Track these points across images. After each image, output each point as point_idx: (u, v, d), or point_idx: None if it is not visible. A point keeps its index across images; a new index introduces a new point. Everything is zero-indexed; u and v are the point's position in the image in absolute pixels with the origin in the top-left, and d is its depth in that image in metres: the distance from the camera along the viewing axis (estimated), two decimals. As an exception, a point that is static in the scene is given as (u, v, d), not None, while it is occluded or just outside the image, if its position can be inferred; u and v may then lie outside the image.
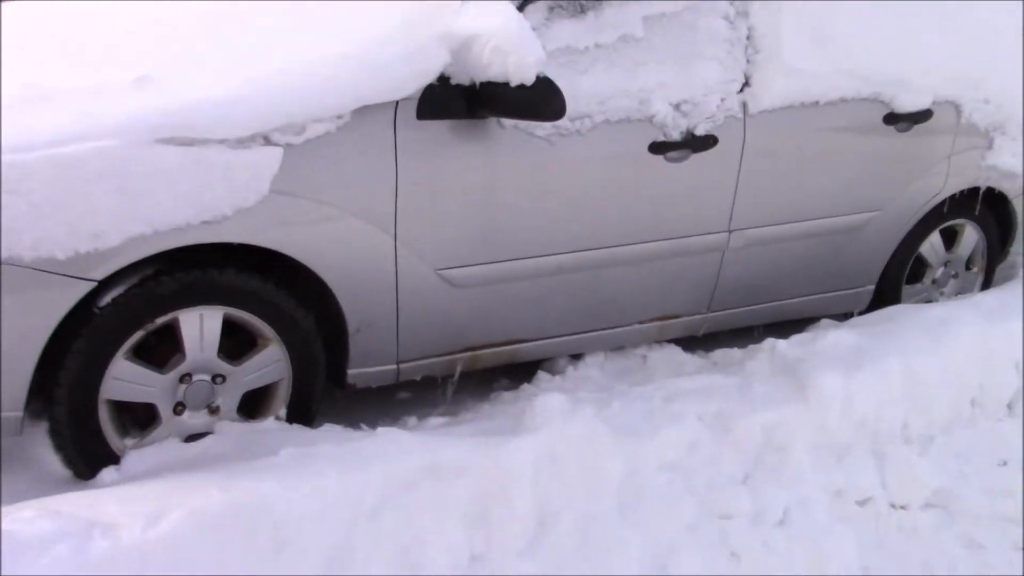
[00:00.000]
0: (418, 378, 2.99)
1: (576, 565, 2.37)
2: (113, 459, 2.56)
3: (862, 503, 2.82)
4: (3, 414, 2.42)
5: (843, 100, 3.39)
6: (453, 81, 2.66)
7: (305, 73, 2.53)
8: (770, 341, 3.30)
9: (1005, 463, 3.08)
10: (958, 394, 3.17)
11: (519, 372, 3.30)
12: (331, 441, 2.41)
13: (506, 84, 2.57)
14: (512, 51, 2.54)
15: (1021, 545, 2.80)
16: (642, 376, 3.34)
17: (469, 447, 2.36)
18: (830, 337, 3.20)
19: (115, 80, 2.48)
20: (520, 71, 2.54)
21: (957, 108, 3.71)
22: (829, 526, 2.64)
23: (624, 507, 2.50)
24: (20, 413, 2.43)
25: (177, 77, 2.50)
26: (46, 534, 1.92)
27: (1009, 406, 3.32)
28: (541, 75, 2.58)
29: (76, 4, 3.01)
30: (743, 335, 3.65)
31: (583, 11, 2.90)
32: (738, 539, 2.52)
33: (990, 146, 3.85)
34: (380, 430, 2.48)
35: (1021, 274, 4.01)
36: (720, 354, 3.45)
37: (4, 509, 2.08)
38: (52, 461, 2.58)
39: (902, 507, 2.85)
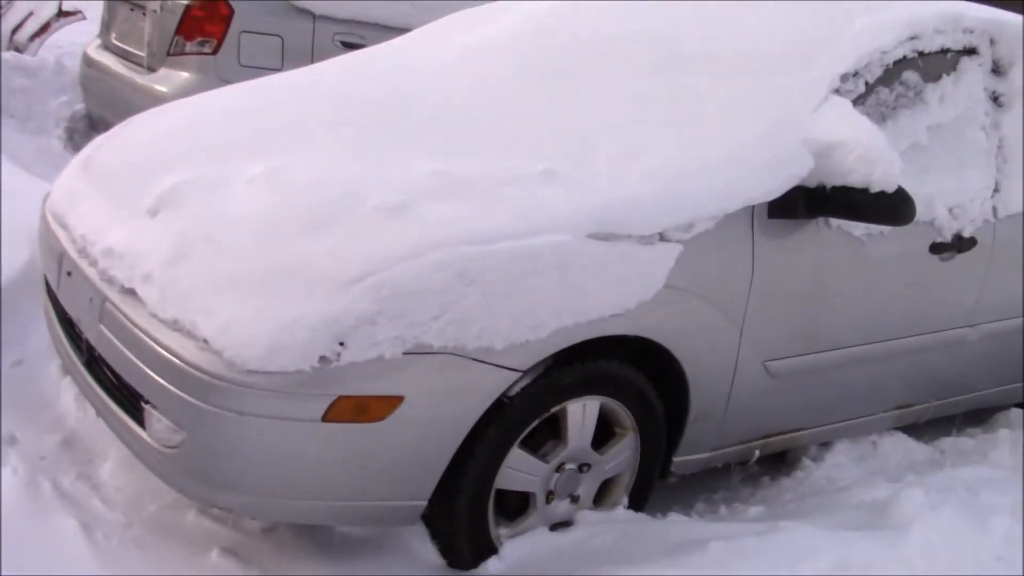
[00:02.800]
0: (720, 465, 3.06)
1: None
2: (489, 548, 2.55)
3: None
4: (409, 503, 2.40)
5: (1061, 205, 3.63)
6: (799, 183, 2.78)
7: (695, 174, 2.62)
8: (1007, 432, 3.50)
9: None
10: None
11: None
12: (727, 538, 2.46)
13: (864, 190, 2.70)
14: (878, 160, 2.68)
15: None
16: (877, 463, 3.47)
17: (871, 542, 2.45)
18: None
19: (521, 171, 2.52)
20: (885, 179, 2.68)
21: None
22: None
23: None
24: (424, 502, 2.41)
25: (577, 171, 2.56)
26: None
27: None
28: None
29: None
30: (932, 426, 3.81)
31: (884, 119, 3.06)
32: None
33: None
34: (782, 524, 2.54)
35: None
36: (948, 443, 3.61)
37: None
38: (425, 550, 2.56)
39: None
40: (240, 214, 2.45)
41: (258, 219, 2.42)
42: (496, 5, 3.73)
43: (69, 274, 2.69)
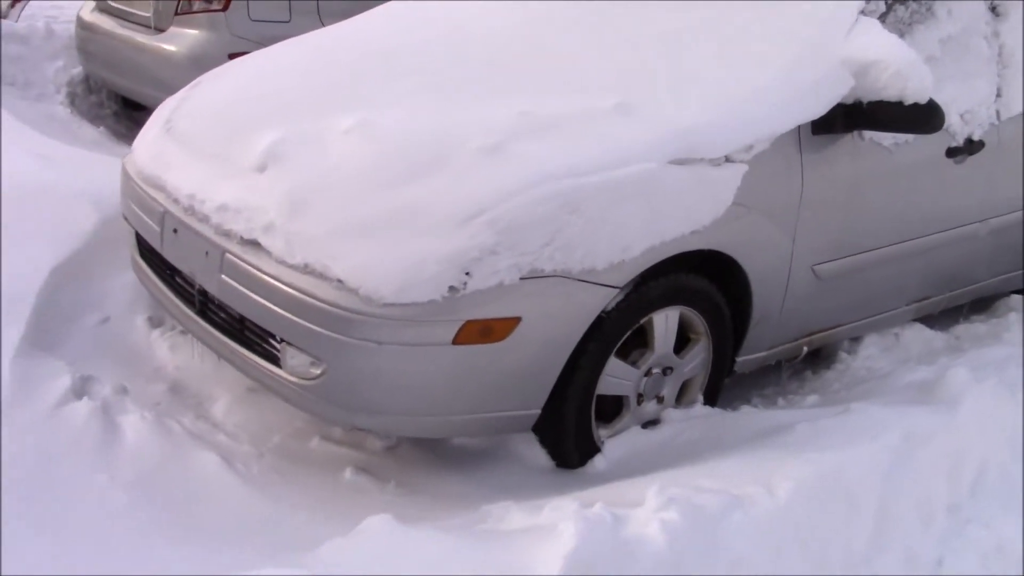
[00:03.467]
0: (773, 362, 3.37)
1: (1015, 496, 2.79)
2: (593, 449, 2.84)
3: None
4: (525, 412, 2.68)
5: (1052, 105, 3.96)
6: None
7: (750, 99, 2.88)
8: (1015, 315, 3.86)
9: None
10: None
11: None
12: (807, 420, 2.77)
13: (899, 103, 2.98)
14: (911, 75, 2.95)
15: None
16: (902, 352, 3.81)
17: (929, 414, 2.78)
18: (1073, 309, 3.77)
19: (596, 107, 2.76)
20: (918, 92, 2.96)
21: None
22: None
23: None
24: (538, 411, 2.69)
25: (645, 104, 2.80)
26: (715, 508, 2.22)
27: None
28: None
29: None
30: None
31: (902, 35, 3.33)
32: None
33: None
34: (853, 405, 2.85)
35: None
36: (961, 330, 3.96)
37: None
38: (533, 455, 2.84)
39: None
40: (348, 164, 2.66)
41: (367, 167, 2.64)
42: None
43: (175, 231, 2.89)
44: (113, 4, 5.63)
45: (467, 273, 2.44)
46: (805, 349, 3.42)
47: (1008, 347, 3.59)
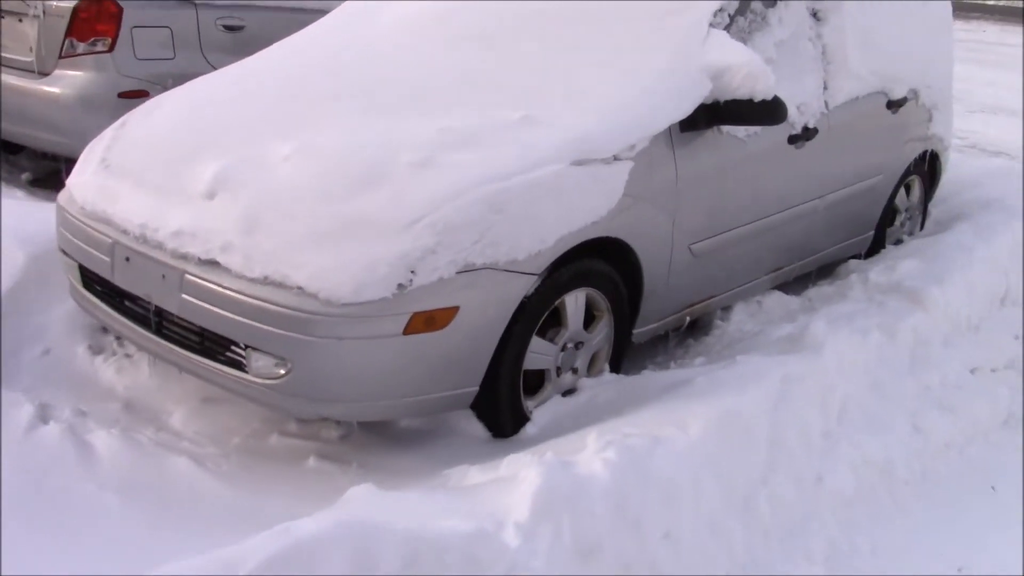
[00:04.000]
0: (663, 332, 3.87)
1: (873, 420, 3.37)
2: (523, 418, 3.26)
3: (973, 371, 4.04)
4: (466, 390, 3.07)
5: (869, 94, 4.62)
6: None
7: (630, 105, 3.36)
8: (856, 275, 4.49)
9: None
10: (989, 294, 4.49)
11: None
12: (702, 374, 3.27)
13: (750, 100, 3.53)
14: (759, 77, 3.50)
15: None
16: (765, 316, 4.39)
17: (800, 360, 3.32)
18: (903, 266, 4.42)
19: (504, 119, 3.19)
20: (764, 91, 3.51)
21: (916, 93, 5.06)
22: (983, 387, 3.85)
23: (876, 386, 3.54)
24: (476, 388, 3.09)
25: (545, 115, 3.25)
26: (643, 447, 2.67)
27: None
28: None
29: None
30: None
31: (744, 42, 3.89)
32: (949, 396, 3.68)
33: (931, 119, 5.25)
34: (739, 358, 3.36)
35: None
36: (813, 293, 4.57)
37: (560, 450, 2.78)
38: (472, 429, 3.23)
39: (992, 370, 4.11)
40: (294, 184, 3.00)
41: (312, 185, 2.98)
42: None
43: (127, 259, 3.15)
44: (-12, 52, 5.70)
45: (412, 271, 2.82)
46: (688, 319, 3.93)
47: (853, 303, 4.20)
